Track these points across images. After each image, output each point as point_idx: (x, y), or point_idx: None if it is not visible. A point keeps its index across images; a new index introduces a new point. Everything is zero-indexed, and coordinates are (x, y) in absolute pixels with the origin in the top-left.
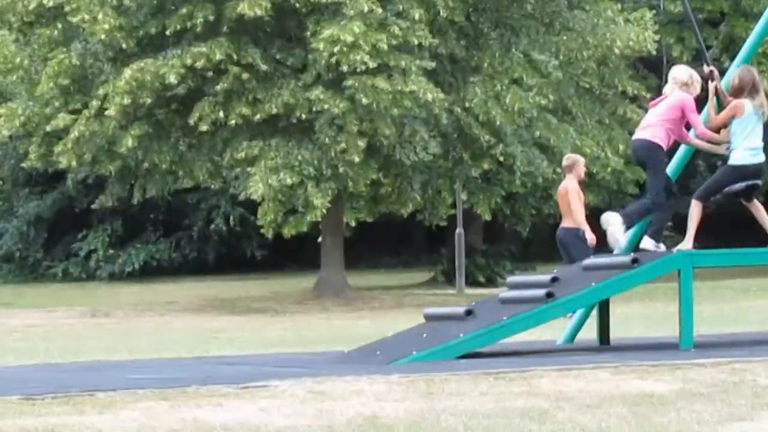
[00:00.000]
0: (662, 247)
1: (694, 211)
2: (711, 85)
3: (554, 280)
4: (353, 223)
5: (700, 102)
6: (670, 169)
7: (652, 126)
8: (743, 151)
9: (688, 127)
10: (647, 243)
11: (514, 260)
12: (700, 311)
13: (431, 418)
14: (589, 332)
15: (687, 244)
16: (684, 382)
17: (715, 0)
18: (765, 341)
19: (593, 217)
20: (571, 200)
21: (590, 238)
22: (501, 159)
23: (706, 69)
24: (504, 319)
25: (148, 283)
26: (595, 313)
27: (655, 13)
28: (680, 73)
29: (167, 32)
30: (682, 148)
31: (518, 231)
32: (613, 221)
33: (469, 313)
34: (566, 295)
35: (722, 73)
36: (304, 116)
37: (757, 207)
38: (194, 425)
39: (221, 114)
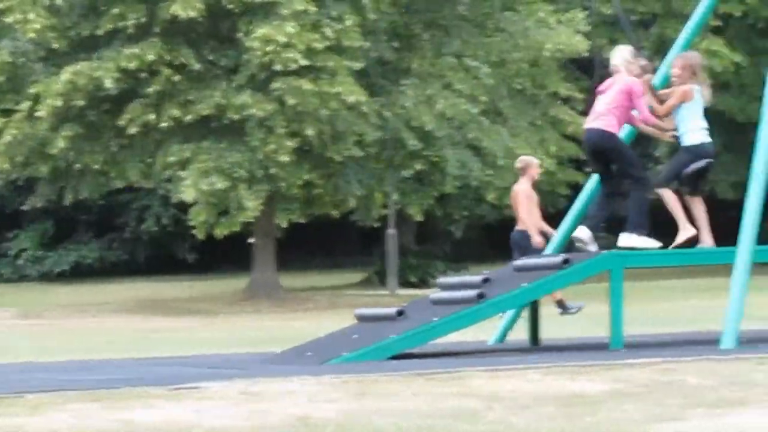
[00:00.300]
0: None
1: (667, 198)
2: (646, 77)
3: (485, 280)
4: (285, 225)
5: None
6: None
7: (603, 115)
8: (697, 132)
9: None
10: (583, 232)
11: (447, 261)
12: (633, 312)
13: (363, 418)
14: (521, 333)
15: (686, 233)
16: (614, 382)
17: (646, 1)
18: (695, 341)
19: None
20: (520, 203)
21: (536, 241)
22: (434, 160)
23: (641, 62)
24: (435, 320)
25: (80, 284)
26: (526, 313)
27: (587, 15)
28: (622, 50)
29: (99, 33)
30: (624, 131)
31: (451, 232)
32: (583, 236)
33: (400, 313)
34: (497, 296)
35: (653, 72)
36: (235, 117)
37: (698, 204)
38: (125, 427)
39: (152, 116)
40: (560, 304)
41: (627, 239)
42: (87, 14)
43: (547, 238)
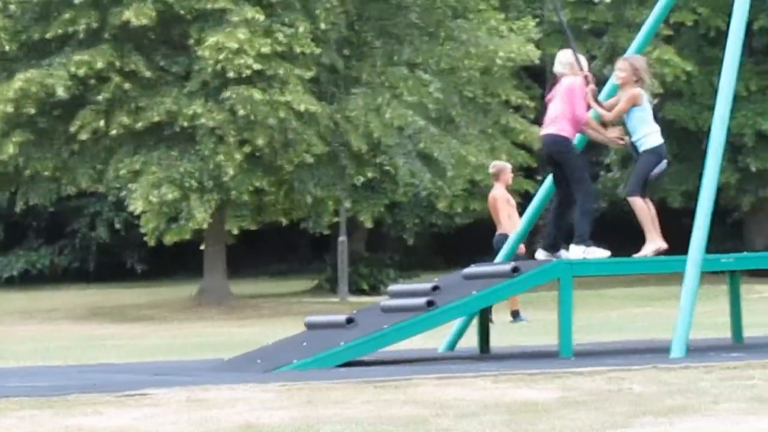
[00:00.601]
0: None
1: (639, 207)
2: (588, 90)
3: (435, 288)
4: (236, 231)
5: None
6: None
7: (556, 119)
8: (656, 133)
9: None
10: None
11: (398, 268)
12: (583, 320)
13: (311, 426)
14: (470, 340)
15: (655, 243)
16: (563, 390)
17: (598, 11)
18: (643, 349)
19: (478, 226)
20: (499, 208)
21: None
22: (385, 168)
23: (580, 74)
24: (385, 328)
25: (29, 290)
26: (475, 321)
27: (539, 23)
28: (565, 55)
29: (49, 36)
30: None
31: (402, 239)
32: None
33: (350, 321)
34: (447, 304)
35: (604, 83)
36: (186, 124)
37: (650, 205)
38: None
39: (102, 123)
40: (515, 313)
41: (575, 250)
42: (39, 18)
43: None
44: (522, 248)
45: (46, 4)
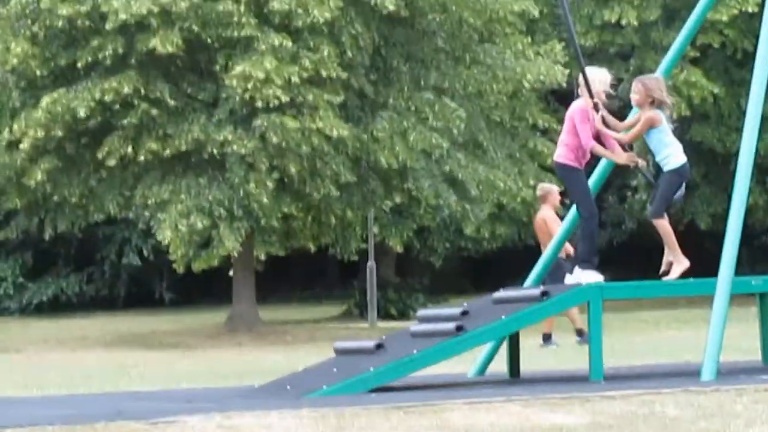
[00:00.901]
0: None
1: (665, 229)
2: (597, 117)
3: (464, 313)
4: (263, 257)
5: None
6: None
7: (560, 145)
8: (677, 154)
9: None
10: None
11: (427, 293)
12: (611, 343)
13: None
14: (501, 365)
15: (682, 265)
16: (594, 415)
17: (625, 34)
18: (674, 373)
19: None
20: (552, 230)
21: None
22: (413, 193)
23: (590, 102)
24: (414, 353)
25: (58, 317)
26: (505, 345)
27: (565, 46)
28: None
29: (78, 65)
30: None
31: (430, 264)
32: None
33: (379, 346)
34: (476, 328)
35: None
36: (215, 151)
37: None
38: None
39: (130, 149)
40: (547, 336)
41: (577, 274)
42: (66, 45)
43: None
44: (569, 248)
45: (73, 31)
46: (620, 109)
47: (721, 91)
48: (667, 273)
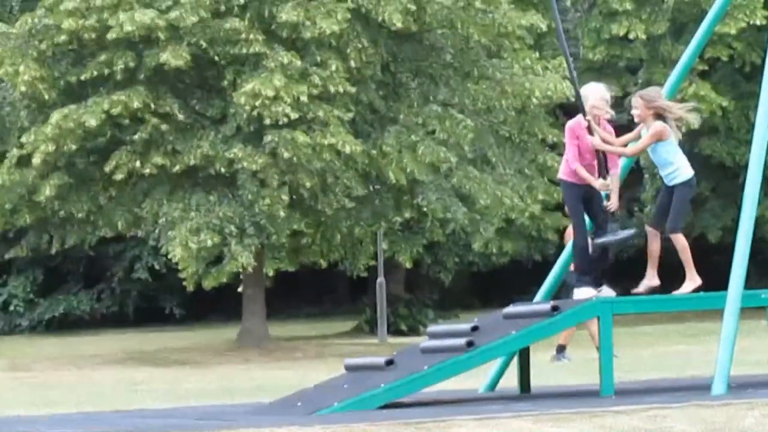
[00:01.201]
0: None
1: (681, 245)
2: (595, 135)
3: (475, 328)
4: (271, 273)
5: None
6: None
7: (562, 161)
8: (686, 167)
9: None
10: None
11: (436, 308)
12: (622, 357)
13: None
14: (512, 380)
15: (694, 282)
16: (604, 430)
17: (633, 47)
18: (684, 387)
19: (515, 265)
20: None
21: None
22: (423, 208)
23: (583, 121)
24: (425, 369)
25: (68, 335)
26: (515, 360)
27: (574, 60)
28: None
29: (84, 78)
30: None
31: (441, 279)
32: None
33: (389, 362)
34: (487, 344)
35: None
36: (223, 169)
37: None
38: None
39: (138, 163)
40: (561, 348)
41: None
42: (74, 63)
43: None
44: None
45: (81, 47)
46: (630, 123)
47: (729, 104)
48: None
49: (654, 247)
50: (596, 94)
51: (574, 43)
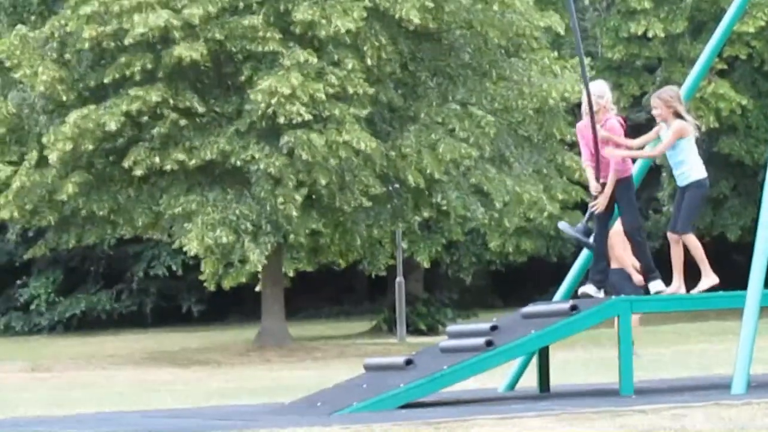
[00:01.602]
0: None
1: (693, 244)
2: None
3: (494, 328)
4: (291, 273)
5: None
6: None
7: None
8: (700, 167)
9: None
10: (589, 288)
11: (455, 308)
12: (642, 356)
13: None
14: (531, 379)
15: (711, 279)
16: (624, 429)
17: (651, 46)
18: (704, 386)
19: (534, 264)
20: (614, 243)
21: (638, 279)
22: (443, 207)
23: (602, 134)
24: (444, 369)
25: (88, 335)
26: (535, 360)
27: (593, 60)
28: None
29: (106, 81)
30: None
31: (460, 279)
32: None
33: (409, 362)
34: (506, 343)
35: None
36: (239, 164)
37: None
38: None
39: (157, 159)
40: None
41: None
42: (94, 65)
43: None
44: (642, 281)
45: (101, 51)
46: (648, 122)
47: (748, 102)
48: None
49: (676, 252)
50: (598, 92)
51: (592, 42)
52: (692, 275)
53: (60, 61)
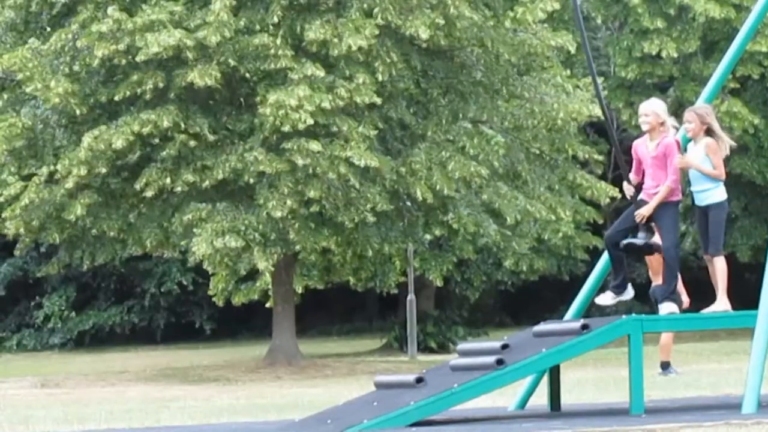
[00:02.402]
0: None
1: (721, 266)
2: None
3: (505, 346)
4: (300, 290)
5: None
6: None
7: None
8: (722, 187)
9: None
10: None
11: (466, 326)
12: (652, 375)
13: None
14: (542, 398)
15: (725, 304)
16: None
17: (664, 65)
18: (715, 406)
19: (545, 283)
20: (652, 258)
21: (685, 300)
22: (454, 226)
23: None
24: (455, 387)
25: (100, 351)
26: (546, 378)
27: (605, 79)
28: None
29: (117, 98)
30: None
31: (469, 296)
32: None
33: (419, 380)
34: (517, 362)
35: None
36: (252, 181)
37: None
38: None
39: (168, 180)
40: (665, 365)
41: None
42: (105, 81)
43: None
44: (687, 301)
45: (113, 67)
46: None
47: (760, 122)
48: None
49: (714, 271)
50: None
51: (605, 62)
52: (708, 297)
53: (71, 75)
